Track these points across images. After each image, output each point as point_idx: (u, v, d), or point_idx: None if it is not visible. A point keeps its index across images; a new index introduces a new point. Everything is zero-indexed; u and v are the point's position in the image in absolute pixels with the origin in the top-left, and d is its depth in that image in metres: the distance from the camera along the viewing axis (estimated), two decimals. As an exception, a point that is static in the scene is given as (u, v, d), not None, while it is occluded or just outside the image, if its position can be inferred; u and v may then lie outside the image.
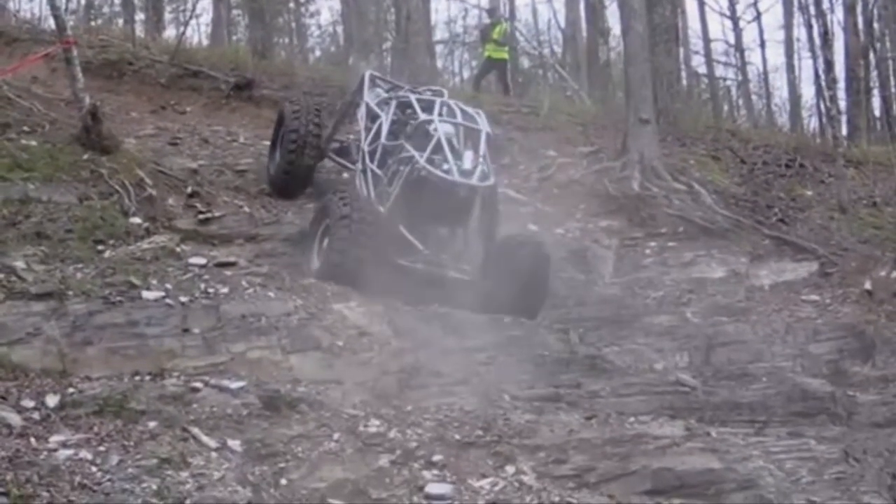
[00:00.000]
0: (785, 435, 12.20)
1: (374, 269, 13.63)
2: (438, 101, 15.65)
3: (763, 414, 12.69)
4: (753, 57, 51.90)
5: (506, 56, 26.85)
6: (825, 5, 29.29)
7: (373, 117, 15.94)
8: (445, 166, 14.25)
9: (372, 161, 15.14)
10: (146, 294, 12.35)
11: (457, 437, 11.12)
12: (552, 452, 10.97)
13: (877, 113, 34.88)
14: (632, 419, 12.01)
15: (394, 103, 15.87)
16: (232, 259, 13.91)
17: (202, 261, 13.57)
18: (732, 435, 11.93)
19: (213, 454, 10.12)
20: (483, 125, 15.25)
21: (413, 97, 15.84)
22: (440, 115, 15.09)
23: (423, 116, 15.06)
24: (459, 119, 15.19)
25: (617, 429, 11.60)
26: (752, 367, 13.86)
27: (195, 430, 10.37)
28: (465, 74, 43.59)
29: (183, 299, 12.41)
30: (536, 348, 13.42)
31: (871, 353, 14.65)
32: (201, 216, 15.25)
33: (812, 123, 34.41)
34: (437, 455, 10.68)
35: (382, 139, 15.29)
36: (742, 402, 12.87)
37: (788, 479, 11.13)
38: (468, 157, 14.55)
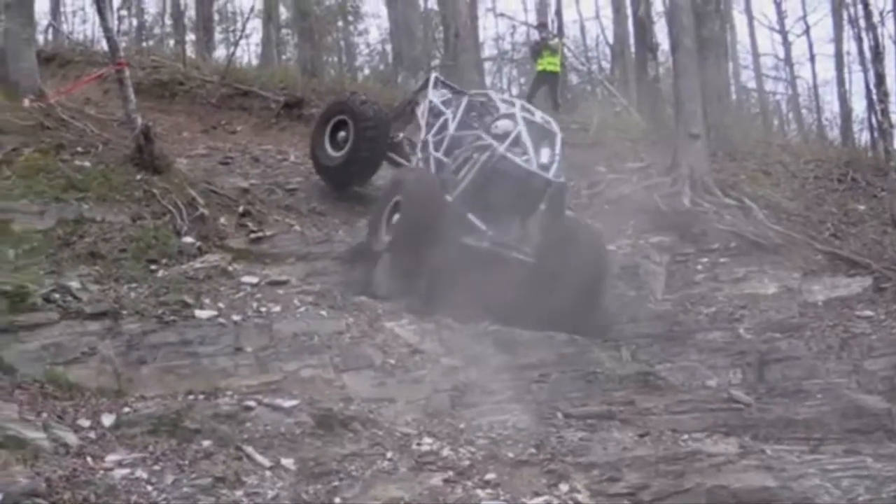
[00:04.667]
0: (841, 452, 12.05)
1: (442, 244, 14.03)
2: (518, 102, 16.40)
3: (818, 431, 12.57)
4: (803, 71, 51.66)
5: (559, 69, 26.81)
6: (875, 18, 28.99)
7: (435, 114, 16.47)
8: (525, 157, 14.82)
9: (437, 150, 15.67)
10: (199, 313, 12.45)
11: (510, 455, 11.09)
12: (606, 470, 10.91)
13: (928, 126, 34.53)
14: (685, 436, 11.95)
15: (465, 100, 16.52)
16: (284, 278, 13.96)
17: (254, 280, 13.64)
18: (787, 452, 11.81)
19: (267, 473, 10.15)
20: (557, 129, 15.81)
21: (494, 95, 16.73)
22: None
23: (504, 109, 15.70)
24: (535, 118, 15.78)
25: (671, 446, 11.54)
26: (806, 384, 13.70)
27: (249, 449, 10.41)
28: (514, 91, 43.55)
29: (235, 318, 12.50)
30: (589, 365, 13.40)
31: (926, 369, 14.47)
32: (253, 235, 15.31)
33: (863, 137, 33.99)
34: (491, 473, 10.64)
35: (451, 130, 15.87)
36: (797, 419, 12.76)
37: (845, 497, 10.99)
38: (545, 153, 15.07)
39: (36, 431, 10.03)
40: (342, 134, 17.19)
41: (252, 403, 11.19)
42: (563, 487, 10.67)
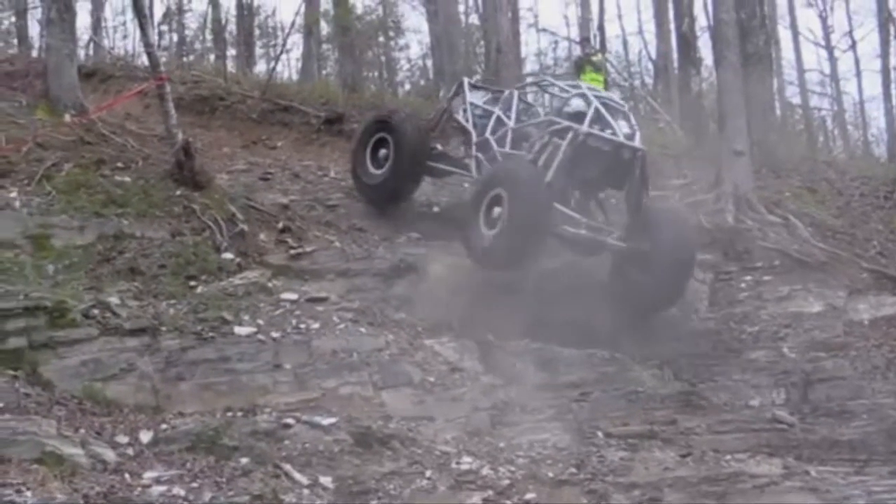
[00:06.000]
0: (886, 474, 11.91)
1: (547, 235, 14.16)
2: (580, 82, 16.57)
3: (864, 452, 12.43)
4: (849, 87, 51.28)
5: (602, 86, 26.71)
6: (923, 34, 28.83)
7: (482, 115, 16.56)
8: (608, 131, 14.82)
9: (502, 146, 15.68)
10: (238, 330, 12.44)
11: (550, 474, 11.02)
12: (647, 491, 10.83)
13: (976, 142, 34.20)
14: (728, 457, 11.84)
15: (515, 95, 16.51)
16: (323, 294, 13.95)
17: (294, 296, 13.63)
18: (832, 474, 11.69)
19: (305, 491, 10.15)
20: (625, 104, 16.11)
21: (553, 79, 16.99)
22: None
23: (573, 92, 15.64)
24: (605, 96, 15.85)
25: (713, 467, 11.43)
26: (851, 404, 13.53)
27: (287, 467, 10.40)
28: (555, 107, 43.34)
29: (274, 335, 12.49)
30: (630, 384, 13.32)
31: (974, 390, 14.25)
32: (293, 251, 15.25)
33: (911, 154, 33.76)
34: (531, 493, 10.58)
35: (511, 124, 15.88)
36: (842, 439, 12.63)
37: (891, 519, 10.87)
38: (623, 124, 15.09)
39: (74, 447, 10.09)
40: (383, 151, 17.08)
41: (291, 421, 11.19)
42: (604, 508, 10.60)
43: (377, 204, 17.22)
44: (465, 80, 17.85)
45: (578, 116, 14.97)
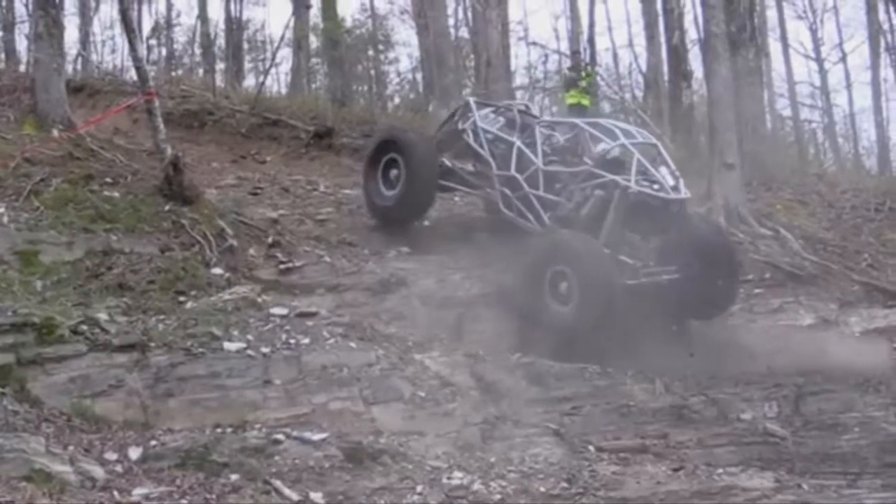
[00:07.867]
0: (879, 487, 11.88)
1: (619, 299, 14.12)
2: (613, 125, 16.21)
3: (856, 465, 12.40)
4: (839, 99, 51.27)
5: (588, 103, 26.67)
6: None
7: (496, 142, 16.54)
8: (656, 186, 14.80)
9: (535, 187, 15.58)
10: (228, 345, 12.37)
11: (541, 489, 10.96)
12: (639, 505, 10.78)
13: (967, 154, 34.34)
14: (720, 470, 11.81)
15: (538, 128, 16.40)
16: (313, 309, 13.88)
17: (283, 311, 13.56)
18: (824, 487, 11.68)
19: (296, 507, 10.06)
20: (654, 138, 16.10)
21: (581, 122, 16.64)
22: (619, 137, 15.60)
23: (608, 142, 15.48)
24: (637, 138, 15.74)
25: (705, 480, 11.41)
26: (843, 417, 13.48)
27: (277, 483, 10.33)
28: (545, 120, 43.28)
29: (264, 350, 12.41)
30: (622, 398, 13.27)
31: (966, 402, 14.23)
32: (282, 266, 15.23)
33: (901, 166, 33.86)
34: (522, 508, 10.52)
35: (540, 164, 15.74)
36: (834, 452, 12.60)
37: (883, 531, 10.85)
38: (665, 171, 15.11)
39: (62, 465, 10.00)
40: (394, 172, 16.97)
41: (280, 437, 11.12)
42: (596, 522, 10.56)
43: (393, 224, 17.13)
44: (472, 100, 17.72)
45: (616, 165, 15.09)
